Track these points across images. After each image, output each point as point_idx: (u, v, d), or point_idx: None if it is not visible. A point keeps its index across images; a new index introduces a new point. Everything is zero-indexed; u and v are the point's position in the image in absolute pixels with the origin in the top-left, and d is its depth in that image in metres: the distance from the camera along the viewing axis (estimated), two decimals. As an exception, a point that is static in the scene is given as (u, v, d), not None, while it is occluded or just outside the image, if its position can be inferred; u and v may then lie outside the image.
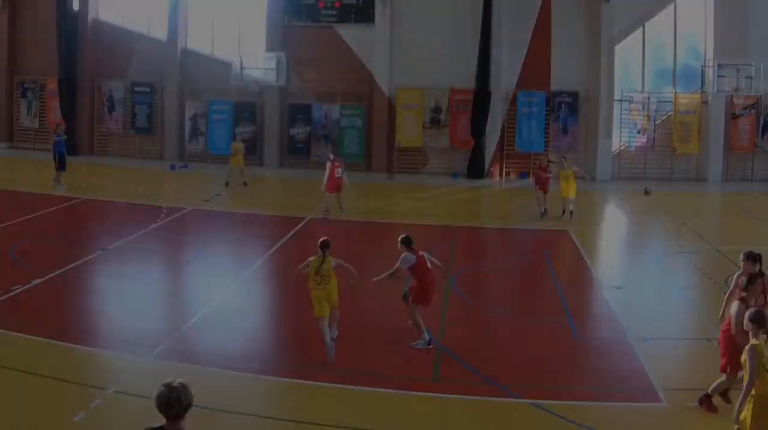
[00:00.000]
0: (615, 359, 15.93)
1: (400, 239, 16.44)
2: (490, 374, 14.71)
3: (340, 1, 41.31)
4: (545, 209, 29.73)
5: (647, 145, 40.68)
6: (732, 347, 12.52)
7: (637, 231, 30.27)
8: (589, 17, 40.23)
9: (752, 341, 10.81)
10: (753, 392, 10.60)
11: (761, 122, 40.39)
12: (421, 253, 16.37)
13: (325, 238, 16.07)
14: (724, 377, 12.87)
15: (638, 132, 40.66)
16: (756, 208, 33.37)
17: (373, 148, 41.11)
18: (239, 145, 35.76)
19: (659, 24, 40.76)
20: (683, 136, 40.48)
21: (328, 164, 29.64)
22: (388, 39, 40.69)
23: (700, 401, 13.09)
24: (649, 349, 16.18)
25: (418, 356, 15.77)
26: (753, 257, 14.44)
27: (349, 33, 41.39)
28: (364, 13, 41.16)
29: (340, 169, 29.61)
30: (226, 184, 34.87)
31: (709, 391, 13.02)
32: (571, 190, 29.08)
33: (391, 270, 16.35)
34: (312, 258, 15.65)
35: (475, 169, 40.23)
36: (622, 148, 41.11)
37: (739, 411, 10.70)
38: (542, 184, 29.64)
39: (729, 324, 12.76)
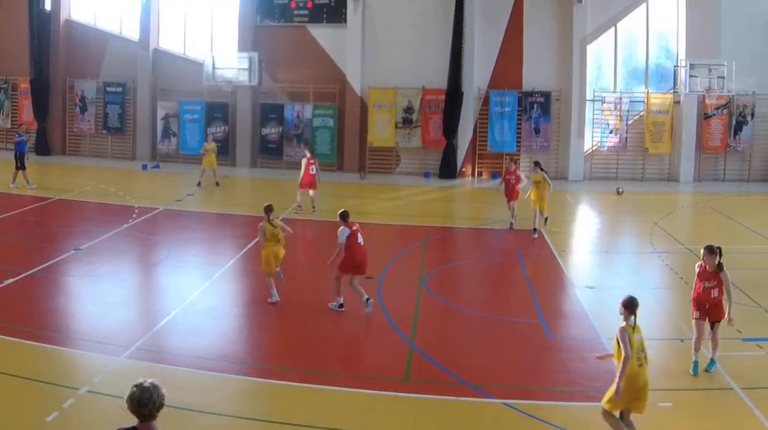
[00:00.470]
0: (588, 358, 16.02)
1: (338, 213, 18.33)
2: (462, 373, 14.93)
3: (313, 2, 41.63)
4: (512, 223, 28.89)
5: (619, 145, 41.21)
6: None
7: (609, 231, 30.59)
8: (560, 17, 40.76)
9: (622, 324, 12.00)
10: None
11: (733, 122, 41.03)
12: (355, 227, 18.18)
13: (268, 203, 18.88)
14: None
15: (610, 132, 41.18)
16: (728, 208, 33.82)
17: (345, 148, 41.45)
18: (211, 145, 36.01)
19: (631, 24, 41.34)
20: (655, 136, 41.08)
21: (304, 161, 30.10)
22: (360, 39, 41.03)
23: None
24: None
25: (390, 356, 16.03)
26: (712, 250, 15.11)
27: (322, 33, 41.73)
28: (336, 14, 41.51)
29: (314, 167, 30.00)
30: (198, 184, 35.15)
31: None
32: (543, 202, 27.87)
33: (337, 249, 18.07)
34: (262, 224, 18.82)
35: (447, 169, 40.64)
36: (594, 148, 41.61)
37: (618, 388, 11.73)
38: (509, 193, 29.02)
39: None
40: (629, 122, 41.13)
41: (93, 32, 44.37)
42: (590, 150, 41.62)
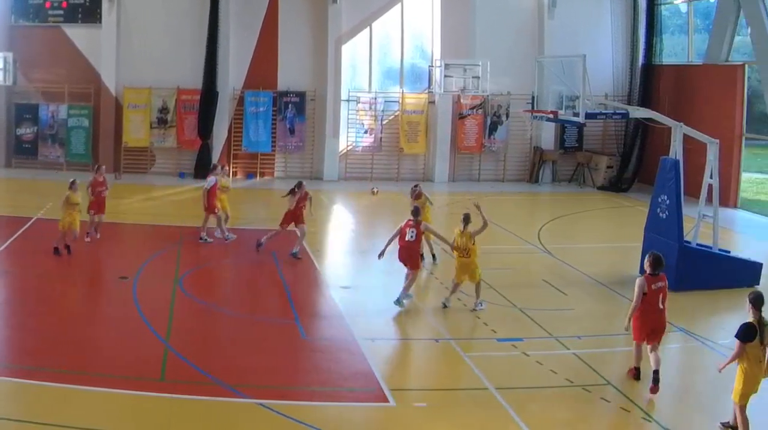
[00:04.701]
0: (343, 359, 17.43)
1: None
2: (217, 374, 15.99)
3: (68, 2, 44.10)
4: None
5: (374, 145, 44.49)
6: None
7: (363, 231, 32.99)
8: (315, 17, 44.02)
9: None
10: None
11: (488, 122, 44.73)
12: None
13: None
14: None
15: (365, 132, 44.48)
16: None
17: (100, 148, 43.80)
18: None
19: (386, 24, 44.96)
20: (410, 136, 44.56)
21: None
22: (115, 39, 43.62)
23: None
24: (377, 349, 18.08)
25: (145, 356, 17.01)
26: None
27: (77, 33, 44.13)
28: (91, 14, 44.05)
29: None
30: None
31: None
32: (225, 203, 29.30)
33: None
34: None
35: (202, 169, 42.78)
36: (349, 148, 44.83)
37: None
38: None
39: None
40: (384, 122, 44.50)
41: None
42: (345, 150, 44.84)
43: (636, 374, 17.03)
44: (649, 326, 16.52)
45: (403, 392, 15.76)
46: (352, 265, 27.78)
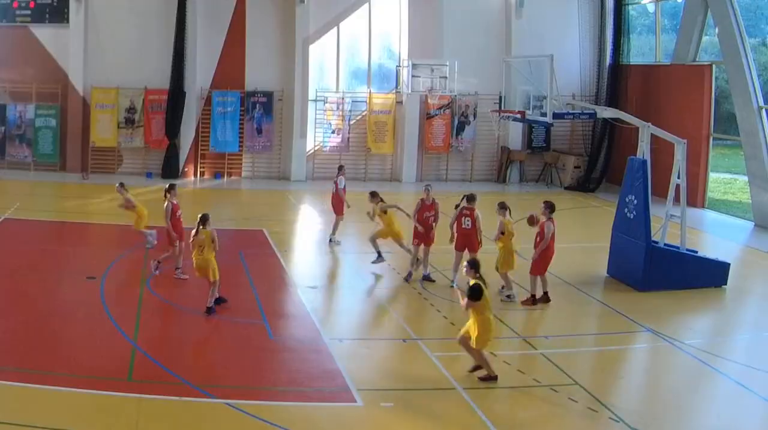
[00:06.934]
0: (310, 359, 17.27)
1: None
2: (185, 374, 15.80)
3: (35, 1, 43.27)
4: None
5: (342, 145, 43.82)
6: None
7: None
8: (283, 17, 43.37)
9: None
10: None
11: (455, 122, 44.15)
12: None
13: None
14: None
15: (333, 132, 43.84)
16: (448, 208, 35.62)
17: (68, 148, 43.14)
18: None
19: (354, 24, 44.38)
20: (378, 136, 43.94)
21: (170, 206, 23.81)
22: (82, 39, 42.83)
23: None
24: (344, 349, 17.88)
25: (113, 356, 16.80)
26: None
27: (44, 33, 43.33)
28: (58, 14, 43.20)
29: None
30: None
31: None
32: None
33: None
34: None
35: (170, 169, 42.83)
36: (316, 148, 44.25)
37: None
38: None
39: None
40: (351, 122, 43.83)
41: None
42: (312, 150, 44.25)
43: (540, 298, 22.01)
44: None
45: (370, 392, 15.56)
46: (319, 265, 27.24)
